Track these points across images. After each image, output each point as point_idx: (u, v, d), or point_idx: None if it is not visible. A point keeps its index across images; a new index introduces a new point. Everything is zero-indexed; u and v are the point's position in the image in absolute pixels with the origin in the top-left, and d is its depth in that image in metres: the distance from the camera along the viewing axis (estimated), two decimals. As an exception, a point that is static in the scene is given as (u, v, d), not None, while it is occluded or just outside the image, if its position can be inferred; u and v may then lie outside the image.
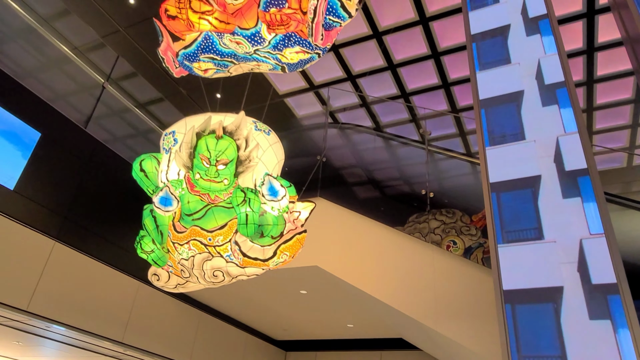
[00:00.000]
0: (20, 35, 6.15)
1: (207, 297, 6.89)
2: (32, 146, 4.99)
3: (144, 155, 3.67)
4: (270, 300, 6.66)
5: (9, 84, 4.96)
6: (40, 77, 6.43)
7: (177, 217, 3.55)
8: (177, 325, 6.56)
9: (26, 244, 4.77)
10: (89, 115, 5.91)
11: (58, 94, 6.41)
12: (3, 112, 4.79)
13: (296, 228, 3.67)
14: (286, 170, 6.04)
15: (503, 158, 3.90)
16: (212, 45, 3.18)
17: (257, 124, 3.62)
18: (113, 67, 6.55)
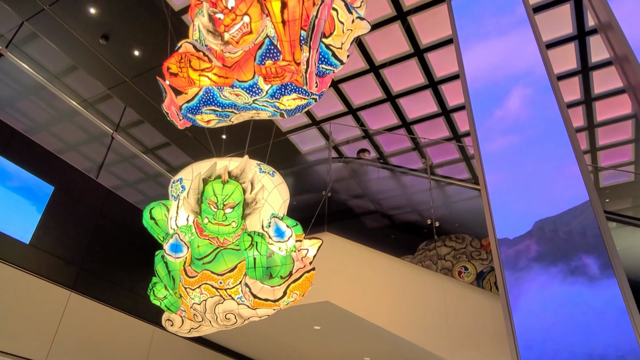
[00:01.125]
0: (32, 92, 6.43)
1: (222, 338, 6.90)
2: (46, 200, 5.16)
3: (153, 204, 3.80)
4: (285, 337, 6.64)
5: (22, 140, 5.17)
6: (51, 131, 6.67)
7: (188, 262, 3.63)
8: (193, 368, 6.56)
9: (43, 296, 4.87)
10: (100, 165, 6.10)
11: (69, 145, 6.64)
12: (17, 168, 4.98)
13: (305, 266, 3.75)
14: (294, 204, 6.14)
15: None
16: (213, 98, 3.33)
17: (261, 166, 3.74)
18: (121, 117, 6.78)
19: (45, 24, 6.72)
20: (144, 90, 7.56)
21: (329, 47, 3.02)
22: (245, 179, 3.45)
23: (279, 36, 2.90)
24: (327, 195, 6.11)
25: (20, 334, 4.57)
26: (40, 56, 7.19)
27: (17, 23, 6.42)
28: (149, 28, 6.66)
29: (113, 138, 6.47)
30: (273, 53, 3.01)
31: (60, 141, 6.50)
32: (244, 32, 3.01)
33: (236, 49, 3.13)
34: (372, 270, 5.61)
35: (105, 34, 6.97)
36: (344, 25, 3.14)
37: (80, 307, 5.19)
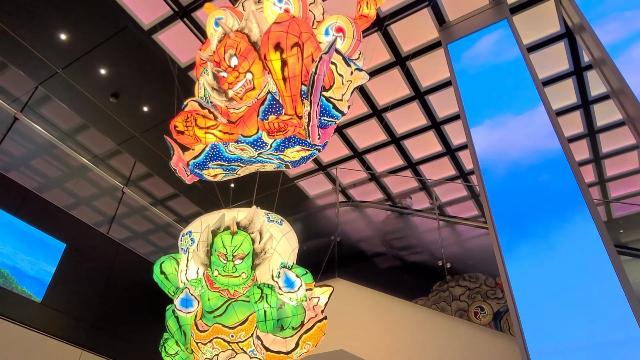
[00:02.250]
0: (45, 151, 6.62)
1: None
2: (58, 257, 5.21)
3: (163, 258, 3.82)
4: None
5: (34, 199, 5.28)
6: (63, 187, 6.80)
7: (199, 316, 3.60)
8: None
9: (54, 355, 4.83)
10: (111, 220, 6.18)
11: (81, 201, 6.75)
12: (29, 227, 5.07)
13: (316, 315, 3.70)
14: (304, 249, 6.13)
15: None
16: (219, 153, 3.41)
17: (269, 215, 3.77)
18: (131, 171, 6.92)
19: (58, 86, 7.00)
20: (153, 144, 7.74)
21: (330, 99, 3.12)
22: (254, 229, 3.48)
23: (281, 92, 3.00)
24: (337, 240, 6.10)
25: (31, 396, 4.51)
26: (54, 116, 7.44)
27: (32, 86, 6.71)
28: (157, 84, 6.90)
29: (124, 193, 6.59)
30: (275, 108, 3.11)
31: (72, 197, 6.63)
32: (247, 89, 3.12)
33: (240, 104, 3.23)
34: (386, 315, 5.51)
35: (115, 92, 7.22)
36: (343, 77, 3.26)
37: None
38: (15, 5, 6.13)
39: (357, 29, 3.38)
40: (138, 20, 6.24)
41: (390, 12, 5.95)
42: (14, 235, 4.88)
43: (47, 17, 6.24)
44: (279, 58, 2.89)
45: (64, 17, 6.22)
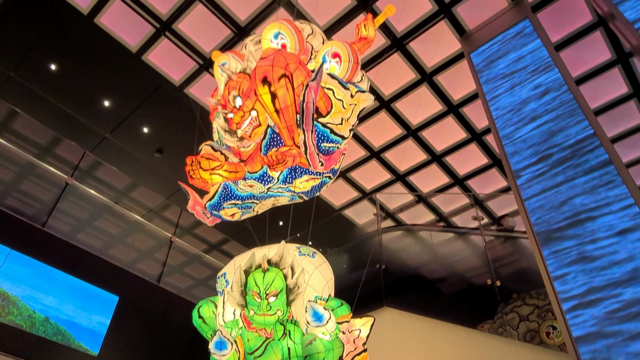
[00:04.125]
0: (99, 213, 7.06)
1: None
2: (112, 310, 5.43)
3: (201, 302, 3.85)
4: None
5: (88, 257, 5.59)
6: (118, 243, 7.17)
7: (241, 358, 3.55)
8: None
9: (113, 409, 4.96)
10: (161, 270, 6.39)
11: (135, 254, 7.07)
12: (83, 283, 5.35)
13: (356, 349, 3.54)
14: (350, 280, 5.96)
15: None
16: (231, 192, 3.45)
17: (300, 249, 3.72)
18: (177, 222, 7.19)
19: (107, 150, 7.53)
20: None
21: (326, 125, 3.07)
22: (285, 264, 3.43)
23: (276, 124, 3.00)
24: (382, 267, 5.90)
25: None
26: (108, 177, 7.96)
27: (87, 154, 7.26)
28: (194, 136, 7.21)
29: (172, 242, 6.84)
30: (276, 141, 3.10)
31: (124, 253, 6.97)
32: (254, 126, 3.14)
33: (250, 142, 3.26)
34: (442, 344, 5.17)
35: (159, 148, 7.63)
36: (344, 101, 3.21)
37: (150, 416, 5.22)
38: (63, 81, 6.75)
39: (353, 52, 3.34)
40: (169, 78, 6.62)
41: (407, 31, 5.89)
42: (70, 293, 5.17)
43: (91, 88, 6.79)
44: (267, 91, 2.91)
45: (103, 85, 6.74)
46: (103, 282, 5.53)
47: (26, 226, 5.25)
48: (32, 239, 5.16)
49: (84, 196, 6.84)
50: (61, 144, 7.34)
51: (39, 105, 7.01)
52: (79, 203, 6.94)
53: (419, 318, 5.34)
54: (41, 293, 4.93)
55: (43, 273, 5.04)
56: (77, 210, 6.95)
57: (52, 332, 4.86)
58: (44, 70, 6.64)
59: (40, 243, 5.19)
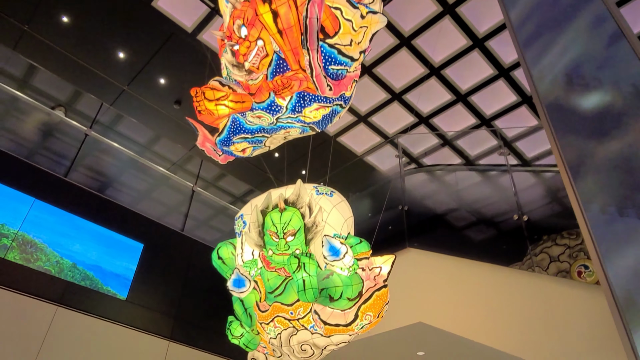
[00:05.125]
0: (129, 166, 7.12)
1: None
2: (138, 257, 5.54)
3: (220, 244, 3.85)
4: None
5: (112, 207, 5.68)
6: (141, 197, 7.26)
7: (263, 298, 3.56)
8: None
9: (144, 348, 5.14)
10: (184, 218, 6.47)
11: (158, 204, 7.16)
12: (109, 232, 5.45)
13: (375, 285, 3.48)
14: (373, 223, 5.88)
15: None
16: (240, 125, 3.33)
17: (318, 188, 3.63)
18: (199, 171, 7.22)
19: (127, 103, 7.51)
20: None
21: (334, 45, 2.87)
22: (302, 203, 3.35)
23: (280, 47, 2.83)
24: (404, 209, 5.77)
25: (126, 386, 4.84)
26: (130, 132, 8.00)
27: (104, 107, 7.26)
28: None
29: (194, 192, 6.88)
30: (282, 67, 2.94)
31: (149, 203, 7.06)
32: (262, 57, 2.99)
33: (258, 74, 3.11)
34: (468, 283, 5.08)
35: (177, 99, 7.56)
36: (353, 22, 2.99)
37: (180, 355, 5.38)
38: (77, 35, 6.67)
39: (363, -32, 3.10)
40: (182, 25, 6.45)
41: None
42: (95, 240, 5.28)
43: (104, 39, 6.70)
44: (268, 10, 2.72)
45: (117, 36, 6.63)
46: (127, 230, 5.63)
47: (49, 176, 5.34)
48: (56, 190, 5.25)
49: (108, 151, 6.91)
50: (82, 99, 7.37)
51: (56, 60, 6.99)
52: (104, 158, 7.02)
53: (443, 257, 5.24)
54: (67, 240, 5.05)
55: (68, 221, 5.15)
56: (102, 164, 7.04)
57: (80, 277, 5.01)
58: (56, 23, 6.56)
59: (64, 193, 5.29)
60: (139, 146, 8.05)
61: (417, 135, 7.94)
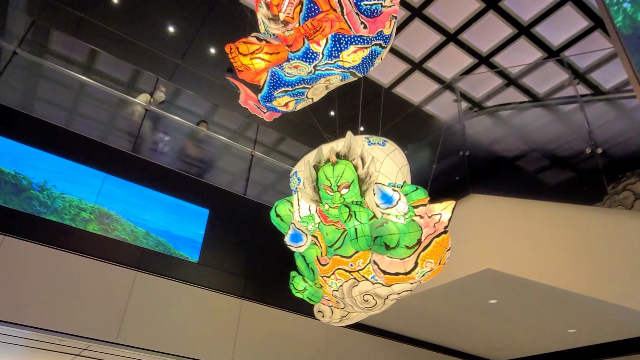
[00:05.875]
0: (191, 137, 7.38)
1: (397, 327, 6.70)
2: (205, 221, 5.79)
3: (277, 202, 3.90)
4: (463, 318, 6.11)
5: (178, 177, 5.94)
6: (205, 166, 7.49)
7: (324, 252, 3.59)
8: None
9: (217, 307, 5.42)
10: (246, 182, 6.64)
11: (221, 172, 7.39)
12: (177, 200, 5.72)
13: (435, 232, 3.37)
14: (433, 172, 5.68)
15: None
16: (279, 79, 3.28)
17: (370, 138, 3.56)
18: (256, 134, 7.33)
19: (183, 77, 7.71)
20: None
21: (364, -21, 2.70)
22: (354, 155, 3.29)
23: (309, -13, 2.70)
24: (465, 154, 5.50)
25: (203, 341, 5.15)
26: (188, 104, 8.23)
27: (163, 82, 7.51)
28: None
29: (252, 156, 7.02)
30: (313, 11, 2.83)
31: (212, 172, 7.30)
32: (295, 5, 2.92)
33: (293, 24, 3.04)
34: (540, 226, 4.80)
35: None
36: (386, -47, 2.80)
37: (253, 312, 5.63)
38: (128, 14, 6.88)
39: None
40: (223, -10, 6.44)
41: None
42: (164, 209, 5.58)
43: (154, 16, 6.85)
44: (293, -50, 2.60)
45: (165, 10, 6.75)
46: (193, 197, 5.87)
47: (117, 152, 5.66)
48: (124, 164, 5.57)
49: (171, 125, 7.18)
50: (141, 78, 7.65)
51: (113, 42, 7.29)
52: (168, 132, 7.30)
53: (511, 201, 4.97)
54: (139, 210, 5.37)
55: (138, 193, 5.45)
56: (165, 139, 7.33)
57: (154, 243, 5.33)
58: (108, 6, 6.81)
59: (132, 167, 5.59)
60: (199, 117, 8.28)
61: (477, 78, 7.47)
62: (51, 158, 5.08)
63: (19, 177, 4.81)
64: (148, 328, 4.88)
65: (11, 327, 4.28)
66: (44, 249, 4.64)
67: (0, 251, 4.41)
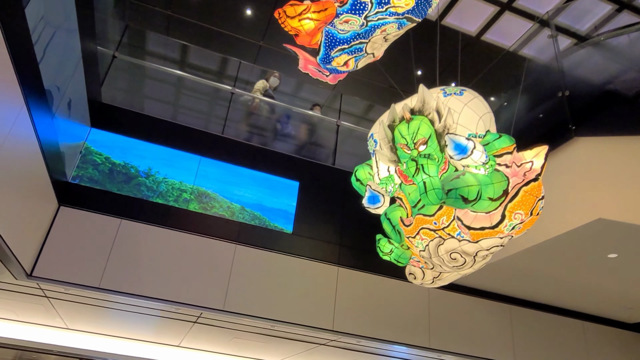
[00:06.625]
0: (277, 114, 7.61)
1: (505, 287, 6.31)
2: (295, 193, 5.96)
3: (357, 166, 3.90)
4: (579, 276, 5.55)
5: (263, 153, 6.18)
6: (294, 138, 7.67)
7: (409, 213, 3.54)
8: (485, 323, 6.21)
9: (316, 275, 5.59)
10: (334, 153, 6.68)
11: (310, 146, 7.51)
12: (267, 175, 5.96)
13: (523, 180, 3.13)
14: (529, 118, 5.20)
15: None
16: (334, 37, 3.20)
17: (445, 89, 3.41)
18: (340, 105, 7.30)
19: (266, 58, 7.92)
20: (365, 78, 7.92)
21: None
22: (429, 109, 3.16)
23: None
24: (565, 94, 4.91)
25: (304, 308, 5.36)
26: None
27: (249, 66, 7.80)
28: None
29: (338, 126, 7.01)
30: (354, -43, 2.71)
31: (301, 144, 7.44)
32: None
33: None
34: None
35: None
36: None
37: (350, 279, 5.71)
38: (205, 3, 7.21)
39: None
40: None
41: None
42: (256, 184, 5.85)
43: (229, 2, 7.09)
44: None
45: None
46: (282, 171, 6.07)
47: (210, 136, 6.04)
48: (216, 146, 5.93)
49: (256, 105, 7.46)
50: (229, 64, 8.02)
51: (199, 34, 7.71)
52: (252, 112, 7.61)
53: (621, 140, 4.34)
54: (233, 187, 5.70)
55: (231, 171, 5.79)
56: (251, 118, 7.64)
57: (250, 217, 5.63)
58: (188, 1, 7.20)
59: (223, 148, 5.93)
60: (286, 96, 8.47)
61: (581, 8, 6.56)
62: (153, 147, 5.59)
63: (127, 166, 5.38)
64: (250, 296, 5.21)
65: (135, 299, 4.87)
66: (154, 229, 5.16)
67: (119, 233, 5.00)
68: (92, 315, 6.03)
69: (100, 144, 5.39)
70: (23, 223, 4.10)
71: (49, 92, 3.71)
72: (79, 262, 4.75)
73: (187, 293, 4.99)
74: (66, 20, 3.70)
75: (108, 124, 5.56)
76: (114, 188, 5.23)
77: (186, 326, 5.96)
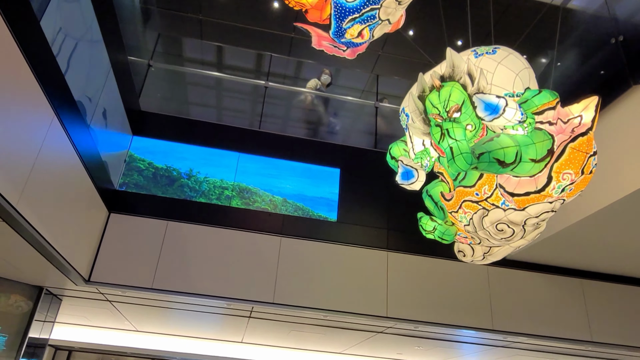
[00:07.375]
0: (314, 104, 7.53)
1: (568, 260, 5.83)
2: (337, 180, 5.84)
3: (392, 144, 3.74)
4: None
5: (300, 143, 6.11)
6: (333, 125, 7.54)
7: (452, 187, 3.36)
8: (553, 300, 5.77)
9: (366, 260, 5.45)
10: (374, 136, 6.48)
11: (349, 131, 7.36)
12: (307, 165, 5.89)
13: (569, 137, 2.85)
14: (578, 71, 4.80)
15: None
16: (343, 7, 3.04)
17: (477, 50, 3.18)
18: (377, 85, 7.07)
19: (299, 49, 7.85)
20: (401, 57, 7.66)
21: None
22: (460, 73, 2.95)
23: None
24: (619, 40, 4.42)
25: (355, 296, 5.24)
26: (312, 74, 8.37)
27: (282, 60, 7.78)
28: None
29: (377, 108, 6.80)
30: None
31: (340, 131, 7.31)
32: None
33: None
34: None
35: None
36: None
37: (400, 263, 5.51)
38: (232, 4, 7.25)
39: None
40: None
41: None
42: (296, 175, 5.79)
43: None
44: None
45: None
46: (321, 159, 5.97)
47: (247, 131, 6.06)
48: (254, 141, 5.93)
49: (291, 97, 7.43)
50: (264, 60, 8.03)
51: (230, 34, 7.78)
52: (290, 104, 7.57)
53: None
54: (273, 180, 5.68)
55: (269, 165, 5.77)
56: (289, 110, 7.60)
57: (293, 209, 5.58)
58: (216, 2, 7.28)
59: (260, 142, 5.93)
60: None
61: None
62: (192, 148, 5.70)
63: (170, 169, 5.51)
64: (299, 288, 5.17)
65: (187, 297, 4.98)
66: (200, 228, 5.25)
67: (166, 235, 5.13)
68: (154, 316, 6.27)
69: (143, 150, 5.56)
70: (74, 232, 4.30)
71: (80, 103, 3.84)
72: (131, 265, 4.93)
73: (236, 288, 5.03)
74: (88, 31, 3.81)
75: (149, 130, 5.73)
76: (159, 191, 5.38)
77: (242, 321, 6.03)
